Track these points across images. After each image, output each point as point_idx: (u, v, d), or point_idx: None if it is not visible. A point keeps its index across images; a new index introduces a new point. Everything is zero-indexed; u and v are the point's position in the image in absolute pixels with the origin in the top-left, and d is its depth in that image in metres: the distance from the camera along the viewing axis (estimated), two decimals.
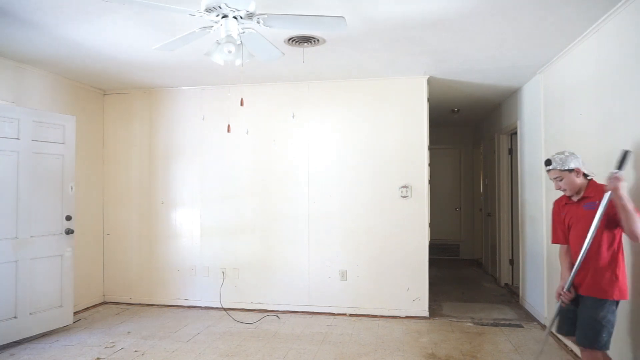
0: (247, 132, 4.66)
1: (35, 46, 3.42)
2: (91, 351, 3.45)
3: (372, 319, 4.33)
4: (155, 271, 4.88)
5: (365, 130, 4.45)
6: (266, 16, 2.20)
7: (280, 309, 4.57)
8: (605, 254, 2.25)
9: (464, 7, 2.66)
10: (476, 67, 3.94)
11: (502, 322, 4.21)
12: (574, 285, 2.37)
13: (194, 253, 4.80)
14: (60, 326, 3.97)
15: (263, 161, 4.66)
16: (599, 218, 2.19)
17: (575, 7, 2.66)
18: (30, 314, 3.71)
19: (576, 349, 3.33)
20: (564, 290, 2.37)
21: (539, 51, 3.51)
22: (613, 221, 2.21)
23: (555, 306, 2.58)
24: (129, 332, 3.93)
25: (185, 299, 4.79)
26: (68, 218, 4.03)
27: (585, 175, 2.40)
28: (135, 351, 3.46)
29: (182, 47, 2.72)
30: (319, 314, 4.50)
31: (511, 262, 5.65)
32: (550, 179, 2.48)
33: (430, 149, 4.68)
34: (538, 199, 4.25)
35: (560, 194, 2.65)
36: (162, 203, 4.87)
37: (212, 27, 2.32)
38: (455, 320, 4.27)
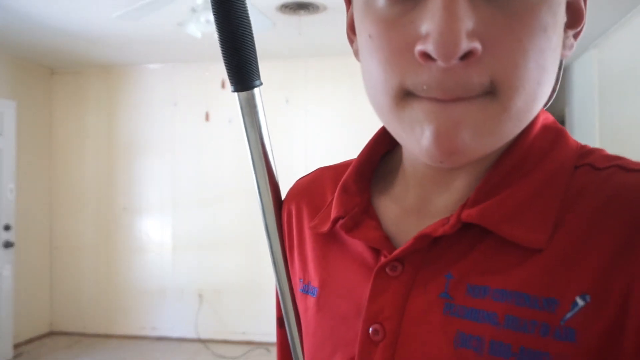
0: (230, 122, 4.65)
1: None
2: None
3: None
4: (115, 294, 4.87)
5: (375, 115, 4.44)
6: None
7: (270, 340, 4.56)
8: None
9: None
10: None
11: None
12: None
13: (165, 271, 4.79)
14: None
15: (250, 157, 4.64)
16: None
17: None
18: None
19: None
20: None
21: (591, 19, 3.50)
22: None
23: None
24: None
25: (153, 328, 4.78)
26: (7, 228, 4.02)
27: None
28: None
29: (149, 15, 2.71)
30: None
31: None
32: None
33: None
34: None
35: None
36: (124, 209, 4.86)
37: None
38: None
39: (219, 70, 4.67)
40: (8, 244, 4.01)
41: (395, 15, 0.39)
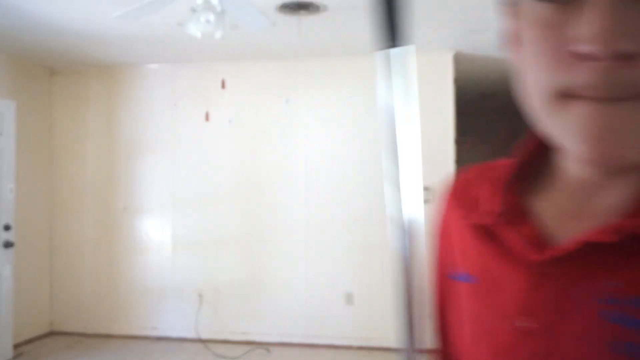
0: (229, 122, 4.66)
1: None
2: None
3: (385, 352, 4.33)
4: (116, 294, 4.87)
5: (377, 119, 4.45)
6: None
7: (270, 340, 4.57)
8: None
9: None
10: None
11: None
12: None
13: (165, 271, 4.80)
14: None
15: (250, 157, 4.65)
16: None
17: None
18: None
19: None
20: None
21: None
22: None
23: None
24: None
25: (154, 328, 4.79)
26: (7, 228, 4.02)
27: None
28: None
29: (150, 15, 2.72)
30: (318, 346, 4.49)
31: None
32: None
33: (457, 142, 4.69)
34: None
35: None
36: (124, 209, 4.87)
37: None
38: None
39: (219, 70, 4.68)
40: (8, 244, 4.01)
41: (552, 17, 0.40)
